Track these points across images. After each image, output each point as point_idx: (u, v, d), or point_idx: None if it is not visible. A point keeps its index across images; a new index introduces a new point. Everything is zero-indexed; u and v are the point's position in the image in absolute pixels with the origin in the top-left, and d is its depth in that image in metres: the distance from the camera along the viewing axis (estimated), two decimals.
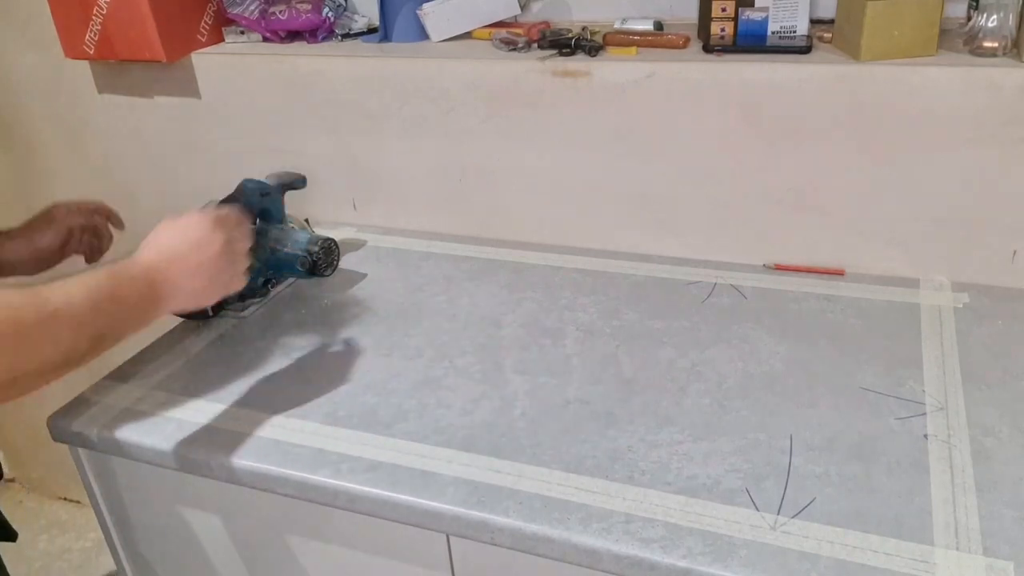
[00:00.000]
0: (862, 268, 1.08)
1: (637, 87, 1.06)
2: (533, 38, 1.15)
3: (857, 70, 0.97)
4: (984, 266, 1.03)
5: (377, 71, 1.20)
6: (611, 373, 0.92)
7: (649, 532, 0.71)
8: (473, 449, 0.82)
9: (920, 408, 0.83)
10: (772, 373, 0.91)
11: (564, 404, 0.88)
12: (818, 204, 1.06)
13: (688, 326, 1.00)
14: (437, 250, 1.23)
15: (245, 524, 0.93)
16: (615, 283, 1.11)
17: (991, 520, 0.70)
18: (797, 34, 1.05)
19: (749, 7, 1.05)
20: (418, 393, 0.91)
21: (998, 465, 0.76)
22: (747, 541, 0.70)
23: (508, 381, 0.92)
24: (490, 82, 1.13)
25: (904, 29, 0.95)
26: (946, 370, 0.89)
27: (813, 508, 0.72)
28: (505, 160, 1.19)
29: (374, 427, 0.86)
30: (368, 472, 0.81)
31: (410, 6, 1.21)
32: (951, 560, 0.67)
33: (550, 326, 1.02)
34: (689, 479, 0.77)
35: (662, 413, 0.85)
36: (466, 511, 0.75)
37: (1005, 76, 0.92)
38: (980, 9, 0.95)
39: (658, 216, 1.15)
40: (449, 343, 1.00)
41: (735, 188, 1.08)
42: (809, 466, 0.77)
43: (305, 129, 1.29)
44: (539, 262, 1.18)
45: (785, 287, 1.07)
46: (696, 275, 1.11)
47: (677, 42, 1.09)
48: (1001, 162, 0.96)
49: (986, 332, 0.95)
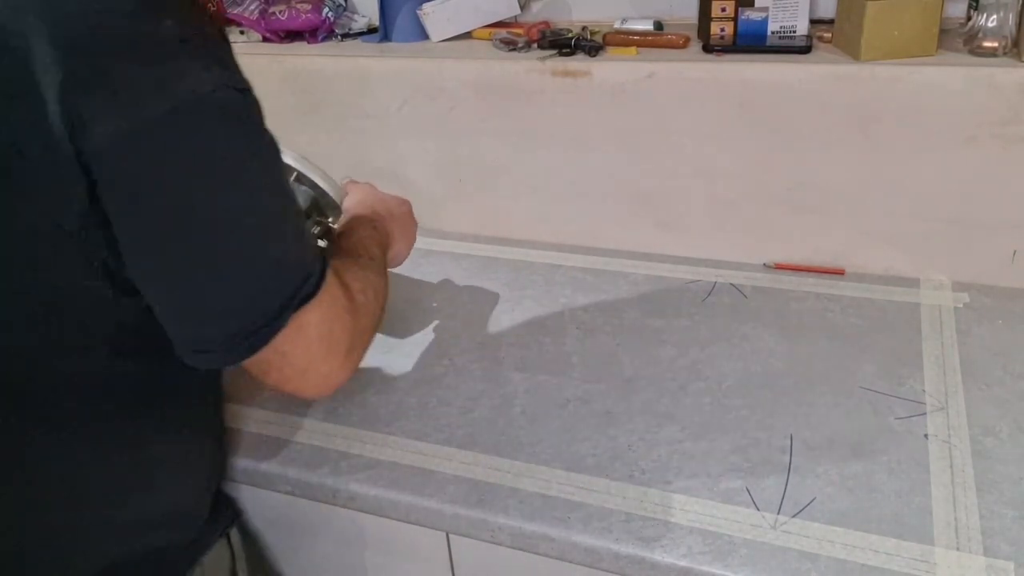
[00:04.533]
0: (862, 268, 1.08)
1: (637, 87, 1.06)
2: (533, 38, 1.15)
3: (857, 70, 0.97)
4: (984, 266, 1.03)
5: (377, 71, 1.20)
6: (611, 371, 0.92)
7: (649, 531, 0.71)
8: (473, 447, 0.82)
9: (920, 408, 0.83)
10: (772, 372, 0.91)
11: (564, 402, 0.88)
12: (818, 203, 1.06)
13: (688, 325, 1.00)
14: (437, 248, 1.23)
15: (244, 522, 0.93)
16: (615, 282, 1.11)
17: (991, 519, 0.70)
18: (797, 34, 1.05)
19: (749, 7, 1.05)
20: (418, 391, 0.91)
21: (998, 464, 0.76)
22: (747, 540, 0.70)
23: (508, 379, 0.92)
24: (490, 82, 1.13)
25: (904, 29, 0.95)
26: (946, 370, 0.89)
27: (813, 507, 0.72)
28: (505, 159, 1.19)
29: (374, 424, 0.86)
30: (368, 470, 0.81)
31: (410, 6, 1.21)
32: (951, 559, 0.67)
33: (550, 324, 1.02)
34: (689, 478, 0.77)
35: (662, 412, 0.85)
36: (466, 510, 0.75)
37: (1005, 76, 0.92)
38: (980, 9, 0.95)
39: (658, 215, 1.15)
40: (449, 341, 1.00)
41: (735, 187, 1.08)
42: (809, 465, 0.77)
43: (305, 129, 1.29)
44: (539, 260, 1.18)
45: (785, 286, 1.07)
46: (696, 274, 1.11)
47: (677, 42, 1.09)
48: (1001, 162, 0.96)
49: (986, 332, 0.95)
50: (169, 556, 0.72)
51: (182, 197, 0.54)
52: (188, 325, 0.60)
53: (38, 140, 0.50)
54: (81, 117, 0.49)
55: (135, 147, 0.51)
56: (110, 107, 0.50)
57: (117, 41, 0.50)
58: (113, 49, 0.50)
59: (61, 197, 0.52)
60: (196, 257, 0.57)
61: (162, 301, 0.59)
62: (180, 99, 0.51)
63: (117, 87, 0.50)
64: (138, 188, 0.53)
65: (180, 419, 0.71)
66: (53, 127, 0.49)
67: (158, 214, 0.54)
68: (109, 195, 0.52)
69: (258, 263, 0.59)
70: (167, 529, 0.72)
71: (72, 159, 0.50)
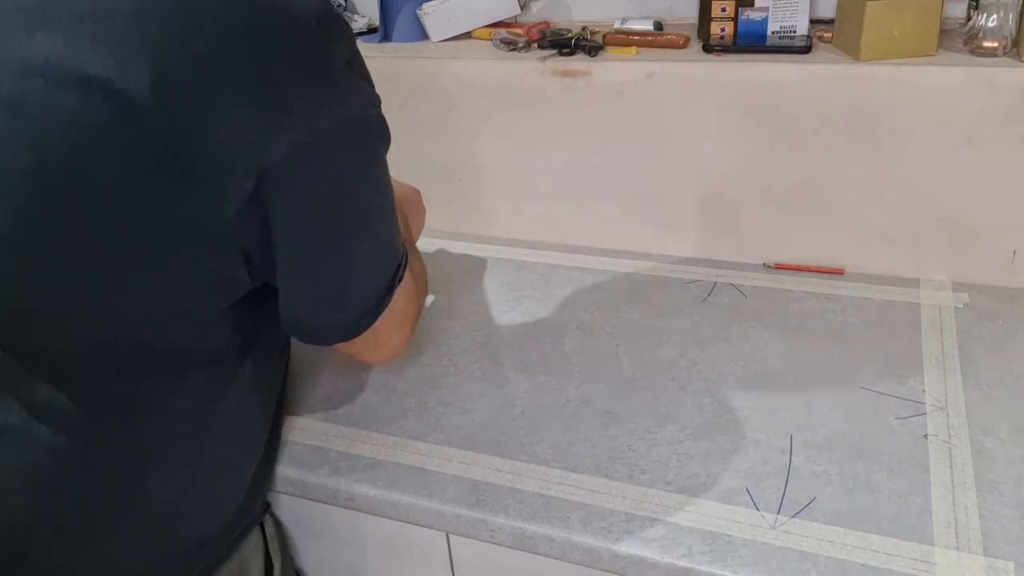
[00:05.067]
0: (862, 267, 1.08)
1: (637, 87, 1.06)
2: (533, 38, 1.15)
3: (857, 70, 0.97)
4: (984, 266, 1.03)
5: (377, 71, 1.19)
6: (611, 372, 0.92)
7: (649, 531, 0.71)
8: (473, 447, 0.82)
9: (920, 408, 0.83)
10: (772, 372, 0.91)
11: (564, 403, 0.88)
12: (818, 203, 1.06)
13: (688, 325, 1.00)
14: (437, 248, 1.23)
15: None
16: (615, 282, 1.11)
17: (991, 520, 0.70)
18: (797, 34, 1.05)
19: (749, 7, 1.05)
20: (418, 391, 0.91)
21: (998, 465, 0.76)
22: (747, 540, 0.70)
23: (508, 379, 0.92)
24: (490, 82, 1.13)
25: (904, 29, 0.95)
26: (946, 370, 0.89)
27: (813, 507, 0.72)
28: (505, 160, 1.19)
29: (374, 425, 0.86)
30: (368, 470, 0.81)
31: (410, 6, 1.21)
32: (951, 560, 0.67)
33: (550, 324, 1.02)
34: (689, 478, 0.77)
35: (662, 412, 0.85)
36: (466, 510, 0.75)
37: (1005, 76, 0.92)
38: (980, 9, 0.95)
39: (658, 215, 1.15)
40: (449, 341, 1.00)
41: (735, 187, 1.08)
42: (809, 465, 0.77)
43: None
44: (539, 260, 1.18)
45: (785, 286, 1.07)
46: (696, 274, 1.11)
47: (677, 42, 1.09)
48: (1001, 162, 0.96)
49: (986, 332, 0.95)
50: (217, 539, 0.74)
51: (339, 196, 0.63)
52: (314, 307, 0.68)
53: (223, 146, 0.56)
54: (265, 128, 0.56)
55: (308, 153, 0.58)
56: (291, 119, 0.57)
57: (301, 65, 0.58)
58: (297, 72, 0.57)
59: (229, 192, 0.57)
60: (339, 247, 0.65)
61: (296, 286, 0.66)
62: (349, 114, 0.60)
63: (299, 103, 0.58)
64: (305, 187, 0.60)
65: (258, 404, 0.75)
66: (238, 135, 0.56)
67: (315, 210, 0.62)
68: (275, 193, 0.59)
69: (381, 252, 0.69)
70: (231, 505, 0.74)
71: (252, 164, 0.57)
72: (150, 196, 0.56)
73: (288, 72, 0.57)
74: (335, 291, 0.67)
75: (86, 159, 0.54)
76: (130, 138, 0.53)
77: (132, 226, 0.57)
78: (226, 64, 0.54)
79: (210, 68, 0.54)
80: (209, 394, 0.68)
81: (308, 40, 0.58)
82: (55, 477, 0.61)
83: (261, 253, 0.62)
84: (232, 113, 0.55)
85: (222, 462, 0.72)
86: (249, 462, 0.76)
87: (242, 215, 0.58)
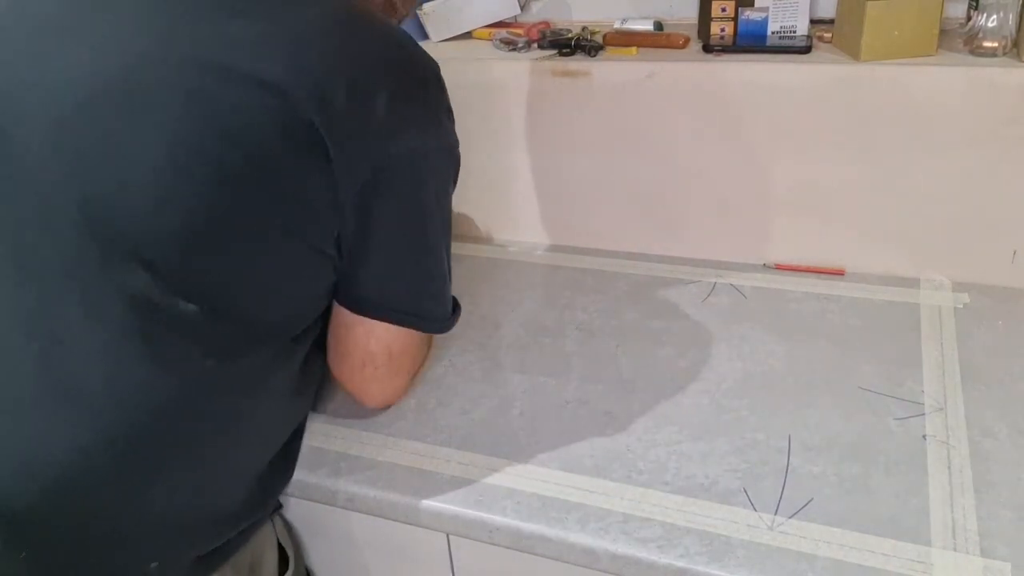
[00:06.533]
0: (862, 268, 1.08)
1: (637, 87, 1.06)
2: (533, 38, 1.15)
3: (857, 70, 0.97)
4: (984, 266, 1.02)
5: None
6: (610, 372, 0.92)
7: (646, 532, 0.71)
8: (472, 448, 0.82)
9: (919, 408, 0.83)
10: (771, 373, 0.91)
11: (563, 403, 0.88)
12: (818, 204, 1.06)
13: (688, 326, 1.00)
14: None
15: None
16: (615, 282, 1.11)
17: (989, 521, 0.70)
18: (797, 34, 1.05)
19: (749, 7, 1.05)
20: (417, 392, 0.91)
21: (996, 466, 0.76)
22: (744, 541, 0.70)
23: (507, 380, 0.92)
24: (490, 82, 1.14)
25: (904, 29, 0.95)
26: (945, 370, 0.89)
27: (811, 508, 0.73)
28: (505, 160, 1.19)
29: (373, 426, 0.87)
30: (367, 471, 0.81)
31: None
32: (948, 560, 0.67)
33: (549, 325, 1.02)
34: (687, 479, 0.77)
35: (661, 413, 0.86)
36: (464, 510, 0.76)
37: (1005, 76, 0.91)
38: (980, 9, 0.95)
39: (658, 215, 1.15)
40: (448, 342, 1.00)
41: (735, 187, 1.08)
42: (807, 466, 0.77)
43: None
44: (539, 261, 1.18)
45: (785, 287, 1.07)
46: (696, 275, 1.11)
47: (677, 42, 1.09)
48: (1001, 162, 0.96)
49: (986, 332, 0.95)
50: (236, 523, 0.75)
51: (430, 201, 0.76)
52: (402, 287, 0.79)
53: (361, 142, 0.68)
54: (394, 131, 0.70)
55: (419, 160, 0.73)
56: (410, 133, 0.72)
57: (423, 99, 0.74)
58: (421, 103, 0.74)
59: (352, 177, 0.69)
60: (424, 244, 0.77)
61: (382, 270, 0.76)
62: (446, 143, 0.77)
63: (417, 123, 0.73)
64: (408, 187, 0.73)
65: (301, 391, 0.82)
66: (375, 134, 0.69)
67: (412, 208, 0.75)
68: (387, 186, 0.71)
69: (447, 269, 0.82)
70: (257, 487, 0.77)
71: (376, 158, 0.69)
72: (302, 173, 0.67)
73: (415, 100, 0.72)
74: (421, 279, 0.79)
75: (256, 140, 0.65)
76: (290, 121, 0.65)
77: (278, 201, 0.67)
78: (376, 86, 0.68)
79: (363, 86, 0.68)
80: (272, 366, 0.74)
81: (431, 84, 0.74)
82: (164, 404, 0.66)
83: (352, 238, 0.72)
84: (373, 119, 0.68)
85: (265, 433, 0.77)
86: (275, 445, 0.80)
87: (353, 199, 0.70)
